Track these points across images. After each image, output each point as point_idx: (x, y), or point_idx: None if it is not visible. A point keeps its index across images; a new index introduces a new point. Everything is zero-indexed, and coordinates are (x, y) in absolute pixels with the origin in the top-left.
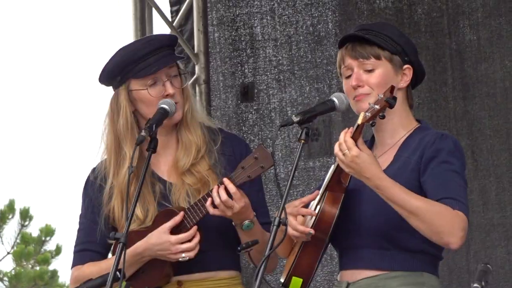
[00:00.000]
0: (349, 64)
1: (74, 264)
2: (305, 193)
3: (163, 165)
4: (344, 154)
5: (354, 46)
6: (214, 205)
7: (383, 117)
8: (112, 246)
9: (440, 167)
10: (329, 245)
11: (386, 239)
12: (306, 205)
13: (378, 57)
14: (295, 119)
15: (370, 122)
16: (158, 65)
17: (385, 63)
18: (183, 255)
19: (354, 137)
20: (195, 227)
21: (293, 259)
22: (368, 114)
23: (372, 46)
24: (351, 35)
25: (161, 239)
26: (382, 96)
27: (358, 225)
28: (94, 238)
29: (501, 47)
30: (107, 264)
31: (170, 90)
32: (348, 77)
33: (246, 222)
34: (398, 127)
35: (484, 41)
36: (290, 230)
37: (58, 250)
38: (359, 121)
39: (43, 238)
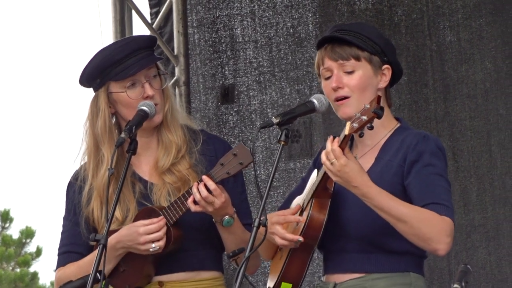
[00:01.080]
0: (328, 66)
1: (58, 266)
2: (286, 194)
3: (144, 165)
4: (332, 163)
5: (333, 47)
6: (195, 202)
7: (371, 128)
8: (94, 248)
9: (423, 170)
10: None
11: (372, 243)
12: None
13: (357, 58)
14: (275, 120)
15: (358, 132)
16: (136, 67)
17: (365, 64)
18: (153, 245)
19: (341, 147)
20: (161, 217)
21: (281, 265)
22: (356, 125)
23: (351, 47)
24: (330, 36)
25: (130, 230)
26: (368, 106)
27: (343, 229)
28: (77, 240)
29: (481, 48)
30: (85, 262)
31: (149, 91)
32: (328, 78)
33: (226, 217)
34: (379, 127)
35: (464, 42)
36: (278, 239)
37: (38, 252)
38: (346, 131)
39: (24, 240)
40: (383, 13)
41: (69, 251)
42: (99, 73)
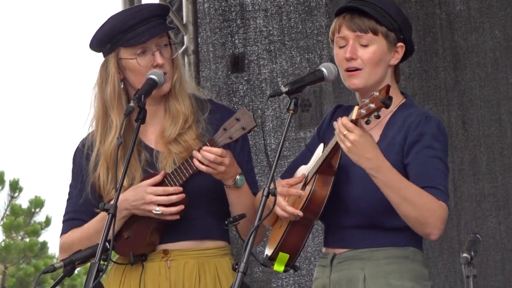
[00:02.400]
0: (345, 35)
1: (62, 233)
2: None
3: (151, 133)
4: (345, 135)
5: (353, 18)
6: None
7: (378, 116)
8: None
9: (423, 152)
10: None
11: (373, 219)
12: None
13: (375, 32)
14: (284, 89)
15: (365, 120)
16: (147, 34)
17: (381, 39)
18: (157, 208)
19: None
20: (177, 188)
21: (280, 236)
22: (363, 112)
23: (370, 20)
24: (351, 6)
25: (137, 189)
26: (377, 94)
27: (345, 204)
28: (82, 208)
29: (491, 17)
30: (88, 227)
31: (159, 60)
32: (342, 47)
33: (238, 177)
34: None
35: (474, 11)
36: (278, 210)
37: (47, 222)
38: (353, 116)
39: (33, 210)
40: None
41: (74, 218)
42: (110, 38)
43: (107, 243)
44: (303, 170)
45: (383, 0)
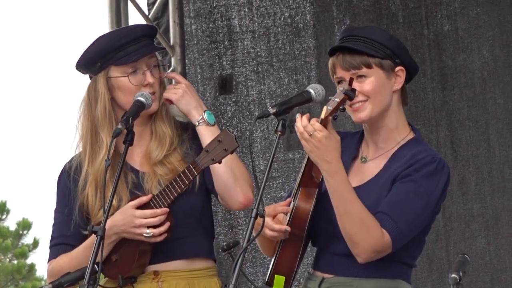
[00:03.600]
0: (342, 76)
1: (50, 259)
2: (285, 185)
3: (136, 155)
4: (311, 135)
5: (344, 57)
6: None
7: (343, 109)
8: (88, 236)
9: (406, 184)
10: None
11: None
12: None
13: (368, 66)
14: (271, 110)
15: (332, 115)
16: (139, 53)
17: (376, 70)
18: (147, 231)
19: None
20: (166, 209)
21: (274, 258)
22: (330, 108)
23: (361, 55)
24: (339, 46)
25: (125, 214)
26: (341, 89)
27: (336, 230)
28: (68, 232)
29: (479, 37)
30: (77, 252)
31: (150, 79)
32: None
33: (206, 112)
34: (393, 131)
35: (462, 31)
36: (267, 231)
37: (35, 244)
38: (322, 115)
39: (20, 232)
40: (381, 3)
41: (61, 243)
42: (101, 57)
43: (95, 266)
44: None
45: (372, 30)
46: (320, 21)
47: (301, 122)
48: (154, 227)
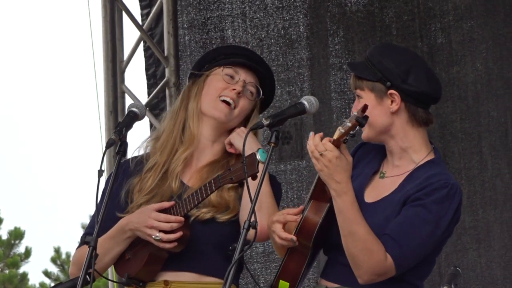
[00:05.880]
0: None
1: (78, 247)
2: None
3: (193, 167)
4: (322, 155)
5: (352, 76)
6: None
7: (353, 135)
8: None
9: (414, 209)
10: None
11: None
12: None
13: (361, 89)
14: (265, 122)
15: (343, 139)
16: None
17: (367, 92)
18: (157, 234)
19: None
20: (180, 218)
21: (280, 263)
22: (342, 131)
23: (357, 78)
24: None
25: (142, 213)
26: (355, 113)
27: None
28: (103, 223)
29: (472, 50)
30: (98, 242)
31: (239, 87)
32: None
33: (260, 150)
34: (407, 151)
35: (455, 44)
36: (276, 238)
37: (27, 253)
38: (335, 136)
39: (12, 241)
40: (374, 15)
41: (91, 233)
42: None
43: (87, 276)
44: None
45: (375, 51)
46: (313, 33)
47: (313, 141)
48: (167, 233)
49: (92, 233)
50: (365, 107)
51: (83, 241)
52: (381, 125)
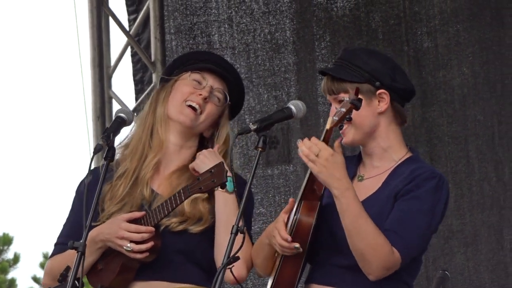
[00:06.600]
0: (328, 99)
1: (50, 256)
2: (264, 201)
3: (170, 168)
4: (318, 155)
5: (327, 81)
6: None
7: (349, 119)
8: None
9: (409, 201)
10: None
11: None
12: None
13: (346, 91)
14: (252, 127)
15: (338, 125)
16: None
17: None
18: (128, 244)
19: (324, 142)
20: (151, 228)
21: (274, 273)
22: (336, 118)
23: (339, 81)
24: (322, 71)
25: (112, 223)
26: (347, 99)
27: (341, 245)
28: (74, 234)
29: (458, 54)
30: (66, 256)
31: (205, 92)
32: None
33: (228, 178)
34: (387, 150)
35: (442, 48)
36: (278, 248)
37: (16, 259)
38: (328, 126)
39: (1, 247)
40: (360, 19)
41: (62, 243)
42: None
43: (76, 282)
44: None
45: (354, 53)
46: (300, 38)
47: (305, 145)
48: (139, 243)
49: (63, 243)
50: (357, 90)
51: (71, 247)
52: (368, 127)
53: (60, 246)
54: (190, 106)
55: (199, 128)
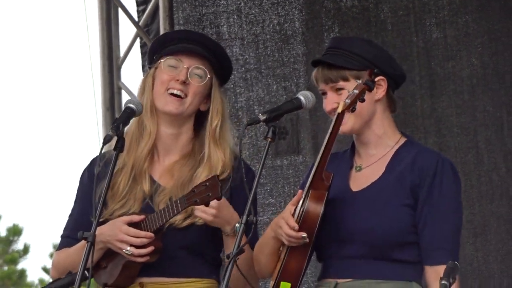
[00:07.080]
0: (322, 88)
1: (57, 249)
2: (273, 191)
3: (169, 158)
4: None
5: (323, 70)
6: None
7: (362, 100)
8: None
9: (436, 207)
10: None
11: (382, 251)
12: None
13: (345, 79)
14: (262, 117)
15: (351, 108)
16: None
17: (353, 82)
18: (128, 248)
19: (335, 129)
20: (150, 234)
21: (280, 265)
22: (348, 101)
23: (338, 69)
24: (318, 60)
25: (113, 225)
26: (360, 81)
27: (351, 235)
28: (80, 227)
29: (468, 44)
30: (73, 251)
31: (182, 76)
32: (324, 94)
33: (238, 225)
34: (382, 137)
35: (451, 39)
36: (284, 240)
37: (26, 250)
38: (339, 109)
39: (11, 238)
40: (369, 10)
41: (69, 236)
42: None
43: (86, 271)
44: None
45: (351, 41)
46: (309, 28)
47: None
48: (137, 247)
49: (69, 236)
50: (371, 71)
51: (81, 237)
52: (367, 114)
53: (67, 239)
54: (172, 94)
55: (190, 110)
